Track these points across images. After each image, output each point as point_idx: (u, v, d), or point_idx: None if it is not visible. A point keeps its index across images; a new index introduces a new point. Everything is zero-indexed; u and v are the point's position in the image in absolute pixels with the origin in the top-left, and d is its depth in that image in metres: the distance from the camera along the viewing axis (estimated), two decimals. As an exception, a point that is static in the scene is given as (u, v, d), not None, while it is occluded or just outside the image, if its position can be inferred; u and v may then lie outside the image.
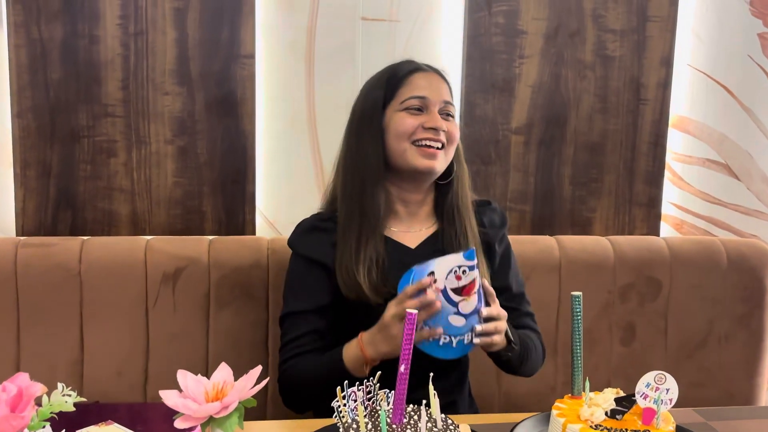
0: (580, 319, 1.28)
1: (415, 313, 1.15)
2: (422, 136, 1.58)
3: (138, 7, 2.01)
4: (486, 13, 2.17)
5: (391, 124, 1.60)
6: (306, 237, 1.67)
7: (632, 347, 2.16)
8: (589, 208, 2.30)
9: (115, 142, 2.04)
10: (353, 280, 1.56)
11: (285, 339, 1.65)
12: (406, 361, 1.14)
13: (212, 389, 1.03)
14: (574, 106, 2.25)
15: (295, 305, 1.64)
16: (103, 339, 1.92)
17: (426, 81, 1.62)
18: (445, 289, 1.42)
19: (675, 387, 1.18)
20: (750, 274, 2.20)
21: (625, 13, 2.23)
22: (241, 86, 2.07)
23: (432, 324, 1.42)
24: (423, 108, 1.59)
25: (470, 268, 1.40)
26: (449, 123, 1.61)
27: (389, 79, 1.63)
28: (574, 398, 1.29)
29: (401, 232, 1.66)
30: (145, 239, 1.98)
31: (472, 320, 1.44)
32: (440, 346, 1.44)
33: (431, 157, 1.58)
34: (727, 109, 2.36)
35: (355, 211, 1.60)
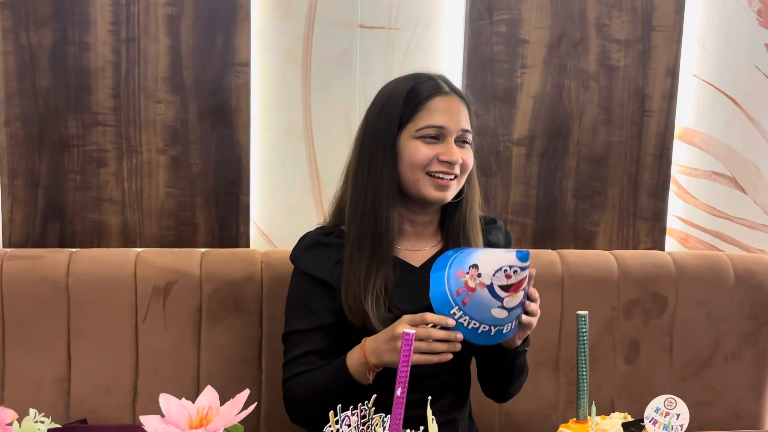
0: (586, 339, 1.22)
1: (413, 333, 1.09)
2: (436, 169, 1.52)
3: (130, 13, 1.96)
4: (487, 21, 2.12)
5: (405, 151, 1.54)
6: (309, 253, 1.62)
7: (637, 365, 2.10)
8: (592, 221, 2.24)
9: (106, 151, 1.99)
10: (360, 308, 1.52)
11: (287, 357, 1.60)
12: (403, 384, 1.08)
13: (196, 414, 0.97)
14: (577, 118, 2.19)
15: (297, 324, 1.59)
16: (91, 355, 1.86)
17: (446, 106, 1.54)
18: (491, 285, 1.37)
19: (686, 412, 1.12)
20: (757, 290, 2.15)
21: (630, 22, 2.18)
22: (235, 95, 2.02)
23: (476, 317, 1.39)
24: (439, 137, 1.53)
25: (522, 269, 1.36)
26: (465, 151, 1.55)
27: (408, 98, 1.54)
28: (580, 423, 1.23)
29: (406, 250, 1.61)
30: (136, 252, 1.92)
31: (515, 312, 1.41)
32: (478, 333, 1.41)
33: (443, 189, 1.53)
34: (733, 121, 2.31)
35: (367, 235, 1.54)
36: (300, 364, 1.57)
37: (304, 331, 1.58)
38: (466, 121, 1.56)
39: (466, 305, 1.39)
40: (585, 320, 1.21)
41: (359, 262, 1.53)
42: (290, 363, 1.58)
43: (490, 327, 1.40)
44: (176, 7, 1.97)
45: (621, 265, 2.09)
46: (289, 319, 1.62)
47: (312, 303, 1.58)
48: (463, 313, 1.39)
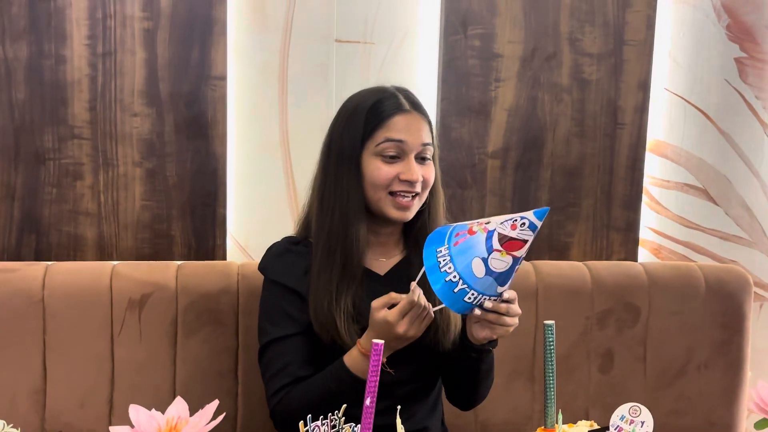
0: (553, 349, 1.24)
1: (381, 342, 1.11)
2: (397, 189, 1.54)
3: (106, 27, 1.97)
4: (462, 36, 2.15)
5: (366, 170, 1.55)
6: (277, 262, 1.63)
7: (611, 375, 2.12)
8: (566, 232, 2.27)
9: (82, 164, 1.99)
10: (332, 326, 1.52)
11: (272, 369, 1.58)
12: (372, 394, 1.10)
13: (165, 425, 0.98)
14: (551, 130, 2.22)
15: (275, 332, 1.58)
16: (67, 368, 1.86)
17: (406, 123, 1.55)
18: (492, 232, 1.33)
19: (650, 420, 1.14)
20: (729, 300, 2.18)
21: (602, 36, 2.22)
22: (212, 108, 2.03)
23: (456, 262, 1.33)
24: (399, 154, 1.54)
25: (531, 226, 1.32)
26: (425, 168, 1.56)
27: (370, 116, 1.55)
28: (548, 431, 1.25)
29: (372, 259, 1.63)
30: (111, 264, 1.92)
31: (490, 283, 1.34)
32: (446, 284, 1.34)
33: (404, 209, 1.55)
34: (704, 134, 2.35)
35: (336, 251, 1.55)
36: (286, 375, 1.55)
37: (284, 338, 1.57)
38: (427, 135, 1.57)
39: (457, 246, 1.34)
40: (552, 329, 1.23)
41: (329, 278, 1.54)
42: (276, 376, 1.56)
43: (460, 282, 1.33)
44: (152, 21, 1.98)
45: (594, 275, 2.11)
46: (264, 330, 1.61)
47: (287, 308, 1.58)
48: (447, 253, 1.34)
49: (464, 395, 1.67)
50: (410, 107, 1.58)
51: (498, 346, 1.93)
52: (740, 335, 2.19)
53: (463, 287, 1.34)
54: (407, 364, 1.53)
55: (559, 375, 2.06)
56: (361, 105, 1.58)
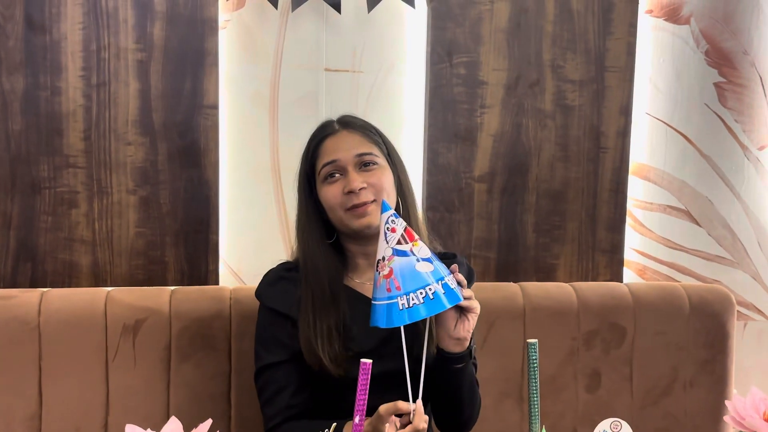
0: (537, 366, 1.28)
1: (369, 362, 1.14)
2: (349, 203, 1.59)
3: (101, 59, 2.02)
4: (447, 64, 2.21)
5: (322, 199, 1.63)
6: (272, 289, 1.68)
7: (598, 394, 2.16)
8: (552, 255, 2.31)
9: (77, 192, 2.03)
10: (313, 353, 1.57)
11: (266, 394, 1.63)
12: (361, 412, 1.14)
13: (161, 443, 1.01)
14: (536, 155, 2.28)
15: (268, 358, 1.63)
16: (62, 393, 1.89)
17: (335, 144, 1.63)
18: (395, 251, 1.43)
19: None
20: (713, 320, 2.22)
21: (584, 63, 2.28)
22: (204, 136, 2.07)
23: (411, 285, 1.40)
24: (339, 171, 1.61)
25: (394, 215, 1.45)
26: (371, 174, 1.60)
27: (307, 152, 1.67)
28: (532, 447, 1.28)
29: (362, 283, 1.67)
30: (106, 290, 1.96)
31: (439, 265, 1.45)
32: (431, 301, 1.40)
33: (362, 216, 1.59)
34: (686, 157, 2.40)
35: (310, 280, 1.62)
36: (280, 399, 1.60)
37: (276, 364, 1.62)
38: (360, 146, 1.62)
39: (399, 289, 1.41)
40: (535, 348, 1.27)
41: (306, 306, 1.60)
42: (270, 400, 1.62)
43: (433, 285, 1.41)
44: (146, 53, 2.03)
45: (580, 296, 2.16)
46: (259, 355, 1.66)
47: (280, 335, 1.63)
48: (403, 293, 1.40)
49: (453, 417, 1.69)
50: (339, 127, 1.66)
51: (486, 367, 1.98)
52: (724, 354, 2.23)
53: (436, 287, 1.42)
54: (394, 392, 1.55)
55: (546, 395, 2.11)
56: (307, 142, 1.69)
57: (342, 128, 1.66)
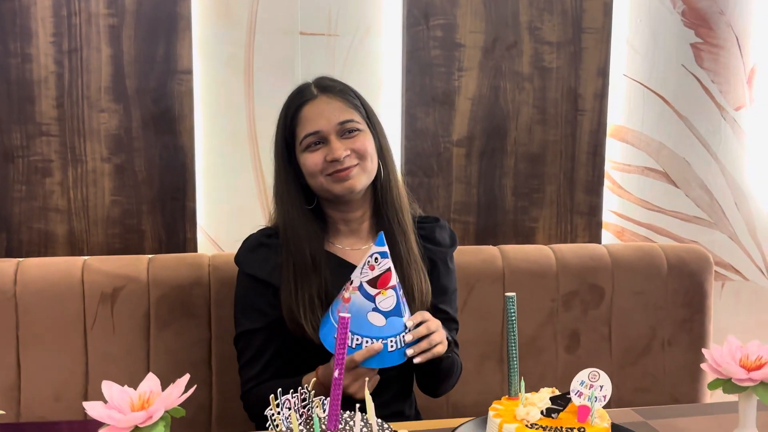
0: (515, 320, 1.28)
1: (348, 316, 1.14)
2: (331, 170, 1.58)
3: (71, 24, 1.98)
4: (424, 27, 2.19)
5: (302, 165, 1.61)
6: (252, 255, 1.67)
7: (577, 354, 2.18)
8: (531, 218, 2.32)
9: (51, 161, 2.01)
10: (295, 321, 1.57)
11: (243, 359, 1.64)
12: (340, 366, 1.13)
13: (138, 399, 1.01)
14: (514, 118, 2.27)
15: (246, 324, 1.64)
16: (41, 362, 1.87)
17: (315, 111, 1.60)
18: (361, 285, 1.42)
19: (608, 384, 1.18)
20: (690, 279, 2.24)
21: (561, 25, 2.27)
22: (178, 102, 2.05)
23: (357, 330, 1.42)
24: (321, 140, 1.59)
25: (382, 255, 1.41)
26: (353, 140, 1.59)
27: (285, 118, 1.64)
28: (511, 399, 1.29)
29: (344, 248, 1.66)
30: (82, 259, 1.94)
31: (396, 322, 1.42)
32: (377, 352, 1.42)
33: (345, 179, 1.58)
34: (663, 118, 2.41)
35: (290, 245, 1.61)
36: (256, 365, 1.61)
37: (255, 330, 1.62)
38: (342, 113, 1.60)
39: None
40: (513, 301, 1.27)
41: (288, 273, 1.59)
42: (247, 365, 1.63)
43: (365, 341, 1.41)
44: (117, 18, 2.00)
45: (559, 258, 2.16)
46: (238, 321, 1.66)
47: (259, 302, 1.63)
48: (352, 335, 1.42)
49: (431, 388, 1.72)
50: (318, 92, 1.63)
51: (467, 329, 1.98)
52: (702, 313, 2.25)
53: (385, 342, 1.42)
54: None
55: (527, 356, 2.12)
56: (282, 107, 1.66)
57: (321, 93, 1.63)
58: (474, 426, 1.32)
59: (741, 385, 1.21)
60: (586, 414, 1.17)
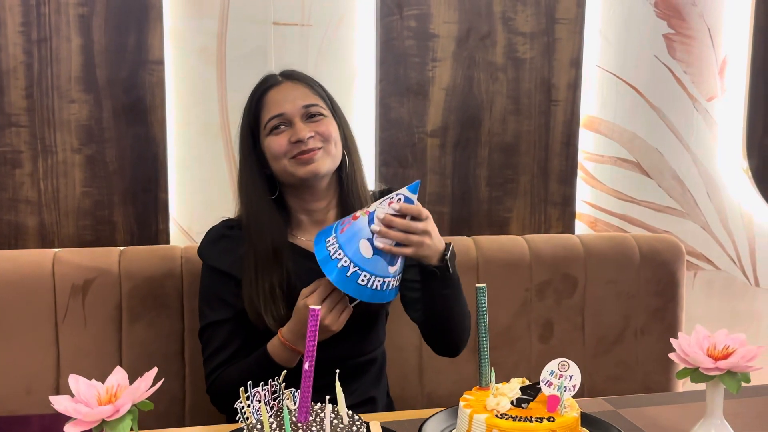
0: (485, 311, 1.29)
1: (318, 308, 1.13)
2: (294, 152, 1.57)
3: (40, 14, 1.96)
4: (398, 17, 2.18)
5: (266, 150, 1.61)
6: (214, 247, 1.66)
7: (551, 344, 2.19)
8: (505, 208, 2.32)
9: (20, 152, 1.98)
10: (257, 313, 1.56)
11: (207, 351, 1.63)
12: (311, 358, 1.13)
13: (105, 393, 1.00)
14: (488, 108, 2.27)
15: (212, 316, 1.63)
16: (11, 356, 1.85)
17: (280, 95, 1.61)
18: (373, 213, 1.40)
19: (578, 373, 1.19)
20: (663, 269, 2.26)
21: (534, 15, 2.27)
22: (150, 93, 2.03)
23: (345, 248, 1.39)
24: (285, 123, 1.59)
25: (406, 199, 1.40)
26: (317, 124, 1.59)
27: (250, 105, 1.64)
28: (482, 390, 1.30)
29: (307, 240, 1.66)
30: (53, 252, 1.92)
31: (379, 263, 1.40)
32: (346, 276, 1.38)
33: (309, 162, 1.57)
34: (636, 109, 2.42)
35: (252, 235, 1.60)
36: (219, 356, 1.60)
37: (219, 322, 1.62)
38: (306, 98, 1.61)
39: (343, 232, 1.40)
40: (483, 292, 1.27)
41: (249, 264, 1.58)
42: (211, 357, 1.62)
43: (351, 265, 1.38)
44: (87, 7, 1.98)
45: (532, 248, 2.17)
46: (203, 313, 1.65)
47: (223, 294, 1.62)
48: (336, 241, 1.40)
49: (446, 337, 1.64)
50: (283, 79, 1.64)
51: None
52: (674, 302, 2.27)
53: (354, 270, 1.39)
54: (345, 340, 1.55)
55: (500, 346, 2.13)
56: (249, 96, 1.66)
57: (285, 79, 1.64)
58: (445, 416, 1.33)
59: (708, 375, 1.22)
60: (555, 404, 1.18)
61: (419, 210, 1.43)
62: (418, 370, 2.10)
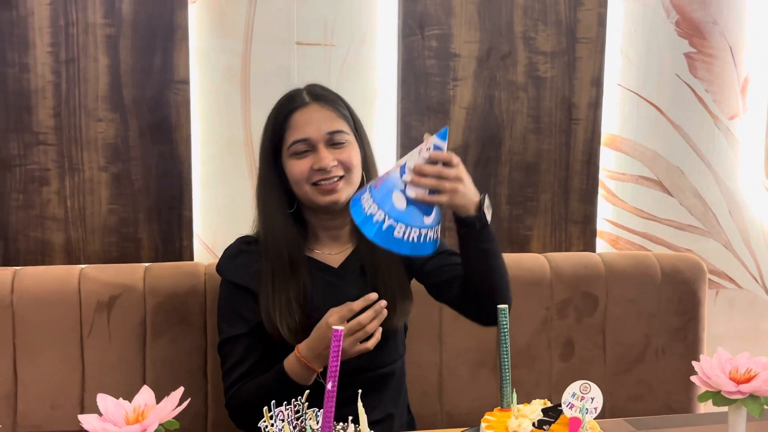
0: (507, 332, 1.30)
1: (341, 329, 1.15)
2: (316, 179, 1.59)
3: (69, 34, 1.99)
4: (419, 36, 2.20)
5: (287, 171, 1.62)
6: (231, 262, 1.69)
7: (571, 362, 2.19)
8: (525, 226, 2.33)
9: (48, 170, 2.02)
10: (273, 325, 1.58)
11: (225, 366, 1.65)
12: (334, 378, 1.14)
13: (133, 412, 1.02)
14: (508, 127, 2.28)
15: (229, 331, 1.65)
16: (37, 371, 1.88)
17: (306, 118, 1.61)
18: (404, 165, 1.40)
19: (600, 396, 1.19)
20: (684, 288, 2.25)
21: (555, 35, 2.28)
22: (175, 112, 2.06)
23: (378, 201, 1.38)
24: (309, 148, 1.60)
25: (436, 149, 1.39)
26: (340, 151, 1.61)
27: (275, 122, 1.64)
28: (504, 411, 1.31)
29: (324, 253, 1.68)
30: (79, 268, 1.95)
31: (414, 213, 1.39)
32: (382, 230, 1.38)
33: (330, 192, 1.60)
34: (657, 127, 2.42)
35: (270, 252, 1.62)
36: (237, 370, 1.62)
37: (237, 337, 1.64)
38: (332, 123, 1.61)
39: (377, 187, 1.41)
40: (505, 314, 1.28)
41: (266, 277, 1.61)
42: (229, 371, 1.64)
43: (386, 219, 1.37)
44: (114, 28, 2.02)
45: (553, 266, 2.17)
46: (221, 329, 1.68)
47: (240, 309, 1.64)
48: (370, 196, 1.40)
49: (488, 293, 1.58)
50: (310, 100, 1.64)
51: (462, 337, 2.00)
52: (696, 321, 2.26)
53: (390, 223, 1.38)
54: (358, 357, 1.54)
55: (521, 364, 2.13)
56: (272, 111, 1.67)
57: (312, 101, 1.64)
58: (466, 437, 1.33)
59: (730, 398, 1.22)
60: (577, 426, 1.18)
61: (450, 156, 1.41)
62: (437, 388, 2.10)
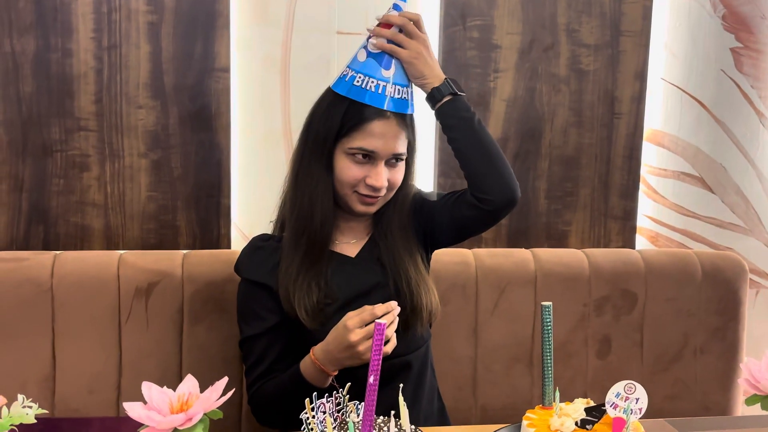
0: (551, 329, 1.28)
1: (384, 323, 1.14)
2: (363, 192, 1.58)
3: (112, 21, 2.00)
4: (461, 27, 2.18)
5: (337, 166, 1.58)
6: (248, 260, 1.69)
7: (608, 360, 2.16)
8: (564, 221, 2.30)
9: (88, 156, 2.03)
10: (289, 302, 1.57)
11: (246, 364, 1.67)
12: (375, 372, 1.13)
13: (177, 401, 1.02)
14: (549, 120, 2.26)
15: (247, 330, 1.66)
16: (75, 355, 1.90)
17: (381, 131, 1.54)
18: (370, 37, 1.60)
19: (644, 396, 1.18)
20: (725, 287, 2.21)
21: (599, 27, 2.25)
22: (215, 100, 2.06)
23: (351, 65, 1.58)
24: (369, 159, 1.56)
25: (396, 8, 1.60)
26: (394, 171, 1.59)
27: (350, 114, 1.55)
28: (545, 409, 1.29)
29: (342, 243, 1.68)
30: (118, 253, 1.96)
31: (370, 64, 1.56)
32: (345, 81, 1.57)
33: (369, 205, 1.60)
34: (700, 123, 2.38)
35: (303, 235, 1.60)
36: (257, 369, 1.63)
37: (255, 337, 1.64)
38: (400, 146, 1.58)
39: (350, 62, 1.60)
40: (549, 311, 1.27)
41: (292, 258, 1.59)
42: (249, 370, 1.65)
43: (350, 72, 1.57)
44: (157, 15, 2.02)
45: (592, 262, 2.15)
46: (241, 328, 1.68)
47: (257, 308, 1.64)
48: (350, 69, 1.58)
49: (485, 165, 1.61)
50: (390, 114, 1.56)
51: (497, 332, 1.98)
52: (736, 321, 2.23)
53: (351, 74, 1.56)
54: None
55: (557, 361, 2.11)
56: (343, 99, 1.56)
57: (393, 117, 1.56)
58: (507, 434, 1.32)
59: (780, 402, 1.20)
60: (621, 426, 1.16)
61: (418, 16, 1.61)
62: (472, 383, 2.09)
